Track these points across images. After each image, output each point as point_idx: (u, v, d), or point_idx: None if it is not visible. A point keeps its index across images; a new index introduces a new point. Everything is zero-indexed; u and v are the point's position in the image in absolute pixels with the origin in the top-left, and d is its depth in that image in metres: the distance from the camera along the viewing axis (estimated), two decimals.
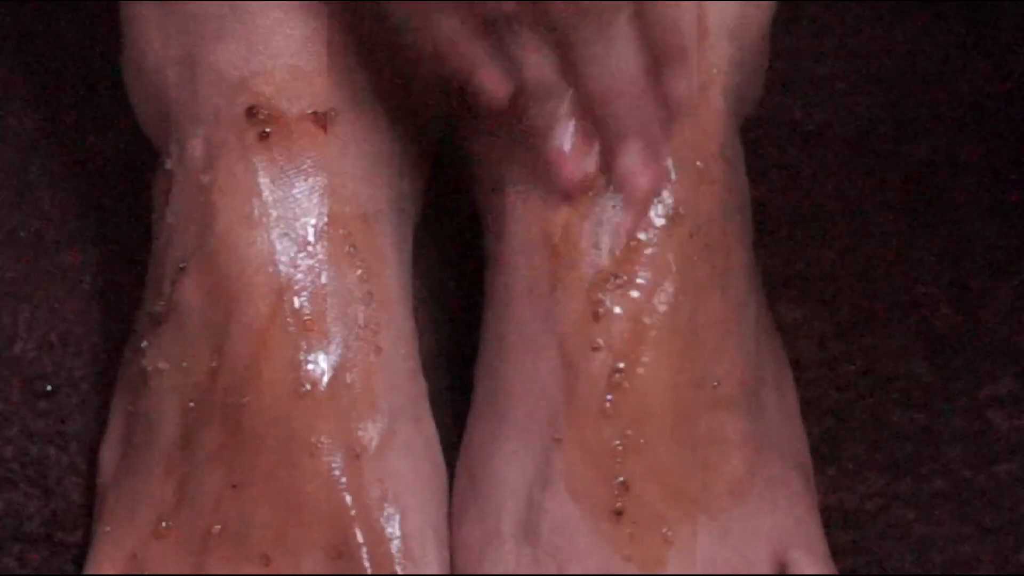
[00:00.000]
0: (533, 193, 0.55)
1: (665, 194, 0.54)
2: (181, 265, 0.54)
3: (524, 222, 0.55)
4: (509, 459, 0.54)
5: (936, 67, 0.68)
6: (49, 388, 0.60)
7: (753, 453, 0.54)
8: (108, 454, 0.56)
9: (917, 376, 0.61)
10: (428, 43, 0.52)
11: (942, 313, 0.62)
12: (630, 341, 0.54)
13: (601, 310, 0.54)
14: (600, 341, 0.53)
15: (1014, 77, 0.68)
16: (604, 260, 0.54)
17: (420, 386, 0.56)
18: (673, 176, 0.55)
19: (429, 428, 0.56)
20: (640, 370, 0.53)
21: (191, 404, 0.53)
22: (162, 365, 0.54)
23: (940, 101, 0.67)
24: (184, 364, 0.54)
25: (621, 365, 0.53)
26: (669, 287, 0.54)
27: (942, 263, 0.63)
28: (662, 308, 0.54)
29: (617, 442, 0.53)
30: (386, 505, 0.53)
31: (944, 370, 0.61)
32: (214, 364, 0.53)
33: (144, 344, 0.55)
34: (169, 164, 0.56)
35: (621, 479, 0.53)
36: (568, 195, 0.53)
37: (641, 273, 0.54)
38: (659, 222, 0.54)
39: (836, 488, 0.59)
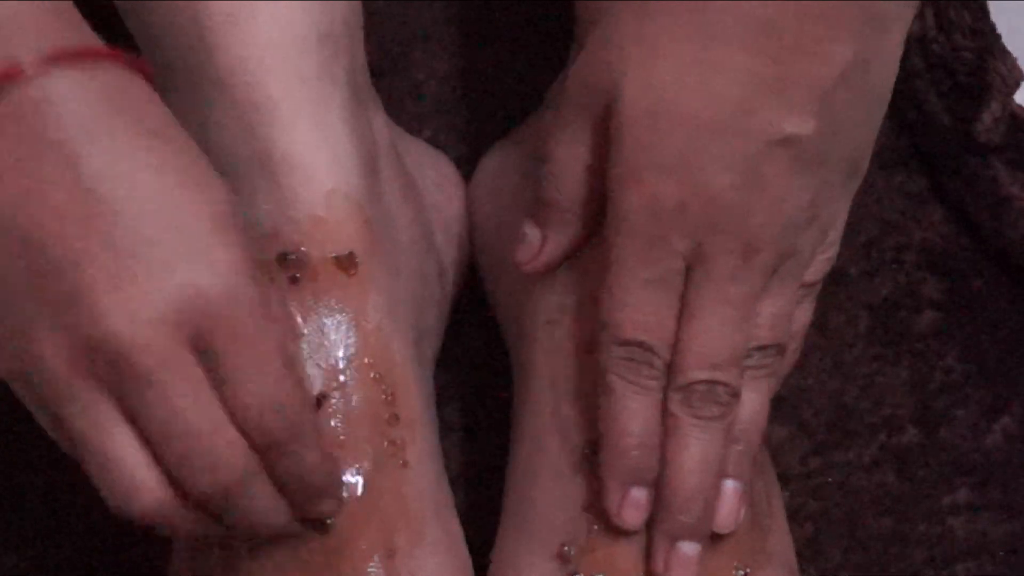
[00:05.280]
0: (549, 344, 0.56)
1: None
2: None
3: (541, 377, 0.57)
4: (533, 566, 0.56)
5: (897, 217, 0.68)
6: None
7: (749, 556, 0.55)
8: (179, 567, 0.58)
9: (886, 487, 0.63)
10: None
11: (908, 432, 0.64)
12: None
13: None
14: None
15: (964, 223, 0.68)
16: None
17: (445, 492, 0.58)
18: None
19: (454, 528, 0.57)
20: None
21: None
22: None
23: (901, 246, 0.68)
24: None
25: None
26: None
27: (907, 389, 0.65)
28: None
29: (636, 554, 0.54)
30: None
31: (910, 481, 0.63)
32: None
33: None
34: None
35: None
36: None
37: None
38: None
39: None
